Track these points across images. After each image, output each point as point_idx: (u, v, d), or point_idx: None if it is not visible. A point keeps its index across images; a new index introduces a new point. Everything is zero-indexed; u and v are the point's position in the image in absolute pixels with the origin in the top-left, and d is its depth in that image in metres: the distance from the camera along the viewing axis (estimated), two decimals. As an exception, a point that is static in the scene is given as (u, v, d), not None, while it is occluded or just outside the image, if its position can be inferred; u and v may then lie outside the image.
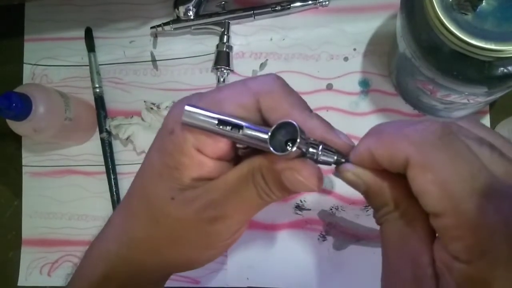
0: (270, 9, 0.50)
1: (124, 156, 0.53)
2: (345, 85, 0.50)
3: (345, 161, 0.26)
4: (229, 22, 0.51)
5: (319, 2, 0.50)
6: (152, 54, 0.54)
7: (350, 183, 0.26)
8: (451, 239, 0.21)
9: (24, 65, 0.56)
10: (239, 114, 0.26)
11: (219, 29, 0.51)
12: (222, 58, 0.51)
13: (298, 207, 0.49)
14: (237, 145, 0.28)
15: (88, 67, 0.54)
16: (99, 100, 0.53)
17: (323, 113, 0.49)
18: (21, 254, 0.54)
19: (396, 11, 0.39)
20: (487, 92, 0.36)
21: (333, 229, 0.48)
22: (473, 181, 0.21)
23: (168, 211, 0.28)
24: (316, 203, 0.49)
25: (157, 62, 0.53)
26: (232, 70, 0.51)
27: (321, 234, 0.48)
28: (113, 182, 0.52)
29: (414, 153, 0.22)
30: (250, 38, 0.52)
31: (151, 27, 0.53)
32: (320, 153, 0.25)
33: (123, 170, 0.53)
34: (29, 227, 0.54)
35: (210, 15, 0.51)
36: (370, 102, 0.49)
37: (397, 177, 0.24)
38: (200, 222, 0.28)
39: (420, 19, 0.34)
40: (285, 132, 0.24)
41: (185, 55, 0.53)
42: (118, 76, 0.54)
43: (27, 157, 0.55)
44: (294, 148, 0.23)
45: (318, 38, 0.50)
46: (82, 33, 0.54)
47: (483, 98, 0.38)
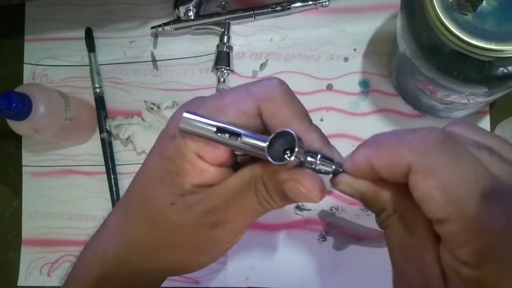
0: (270, 9, 0.50)
1: (124, 156, 0.53)
2: (345, 85, 0.50)
3: (343, 171, 0.26)
4: (229, 22, 0.51)
5: (319, 3, 0.50)
6: (152, 54, 0.54)
7: (345, 194, 0.26)
8: (458, 245, 0.21)
9: (24, 65, 0.56)
10: (241, 120, 0.26)
11: (219, 29, 0.51)
12: (222, 58, 0.51)
13: (298, 207, 0.49)
14: (236, 152, 0.28)
15: (88, 67, 0.54)
16: (99, 100, 0.53)
17: (323, 113, 0.49)
18: (21, 254, 0.54)
19: (396, 11, 0.39)
20: (487, 92, 0.36)
21: (333, 229, 0.48)
22: (477, 184, 0.21)
23: (168, 216, 0.28)
24: (316, 203, 0.49)
25: (157, 62, 0.54)
26: (232, 70, 0.51)
27: (321, 234, 0.48)
28: (113, 182, 0.52)
29: (416, 159, 0.22)
30: (250, 38, 0.52)
31: (152, 27, 0.53)
32: (319, 163, 0.25)
33: (123, 170, 0.53)
34: (29, 227, 0.54)
35: (211, 15, 0.51)
36: (370, 103, 0.49)
37: (389, 183, 0.24)
38: (200, 227, 0.27)
39: (420, 19, 0.34)
40: (283, 141, 0.24)
41: (185, 55, 0.53)
42: (118, 76, 0.54)
43: (27, 157, 0.55)
44: (292, 158, 0.23)
45: (318, 38, 0.50)
46: (82, 33, 0.54)
47: (483, 98, 0.38)
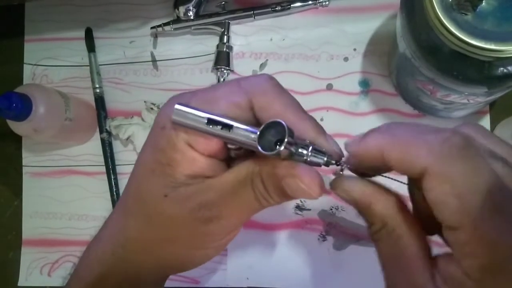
0: (270, 9, 0.50)
1: (124, 156, 0.53)
2: (345, 85, 0.50)
3: (335, 163, 0.26)
4: (229, 22, 0.51)
5: (319, 2, 0.50)
6: (152, 54, 0.54)
7: (341, 198, 0.26)
8: (465, 255, 0.21)
9: (24, 65, 0.56)
10: (233, 113, 0.26)
11: (219, 29, 0.51)
12: (222, 58, 0.51)
13: (298, 207, 0.49)
14: (229, 146, 0.28)
15: (88, 67, 0.54)
16: (99, 100, 0.53)
17: (323, 113, 0.49)
18: (21, 254, 0.54)
19: (396, 11, 0.39)
20: (487, 92, 0.36)
21: (333, 229, 0.48)
22: (491, 197, 0.20)
23: (161, 209, 0.27)
24: (316, 203, 0.49)
25: (157, 62, 0.54)
26: (232, 70, 0.51)
27: (321, 234, 0.48)
28: (113, 182, 0.52)
29: (434, 163, 0.21)
30: (250, 38, 0.52)
31: (151, 27, 0.53)
32: (310, 154, 0.25)
33: (123, 170, 0.53)
34: (29, 227, 0.54)
35: (210, 15, 0.51)
36: (370, 102, 0.49)
37: (384, 193, 0.24)
38: (194, 222, 0.27)
39: (420, 19, 0.34)
40: (275, 132, 0.24)
41: (185, 55, 0.53)
42: (118, 76, 0.54)
43: (27, 157, 0.55)
44: (282, 148, 0.23)
45: (318, 38, 0.50)
46: (82, 33, 0.54)
47: (483, 98, 0.38)
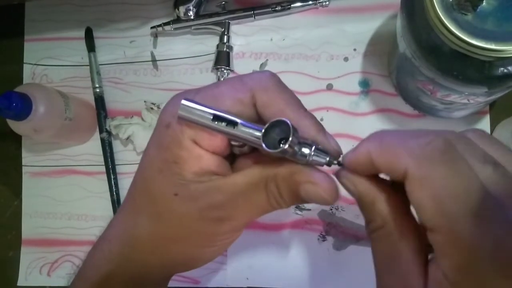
0: (270, 9, 0.50)
1: (124, 156, 0.53)
2: (345, 85, 0.50)
3: (337, 163, 0.26)
4: (229, 22, 0.51)
5: (319, 2, 0.50)
6: (152, 54, 0.54)
7: (345, 189, 0.26)
8: (442, 256, 0.21)
9: (24, 65, 0.56)
10: (236, 109, 0.26)
11: (219, 29, 0.51)
12: (222, 58, 0.51)
13: (298, 207, 0.49)
14: (232, 143, 0.28)
15: (88, 67, 0.54)
16: (99, 100, 0.53)
17: (323, 113, 0.49)
18: (21, 254, 0.54)
19: (396, 11, 0.39)
20: (487, 92, 0.36)
21: (333, 229, 0.48)
22: (469, 201, 0.21)
23: (172, 208, 0.28)
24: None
25: (157, 62, 0.54)
26: (232, 70, 0.51)
27: (321, 234, 0.48)
28: (113, 182, 0.52)
29: (413, 167, 0.22)
30: (250, 38, 0.52)
31: (151, 27, 0.53)
32: (313, 153, 0.25)
33: (123, 170, 0.53)
34: (29, 227, 0.54)
35: (210, 15, 0.51)
36: (370, 102, 0.49)
37: (391, 193, 0.24)
38: (204, 221, 0.27)
39: (420, 19, 0.34)
40: (279, 130, 0.24)
41: (185, 55, 0.53)
42: (118, 76, 0.54)
43: (27, 157, 0.55)
44: (286, 146, 0.23)
45: (318, 38, 0.50)
46: (82, 33, 0.54)
47: (483, 98, 0.38)
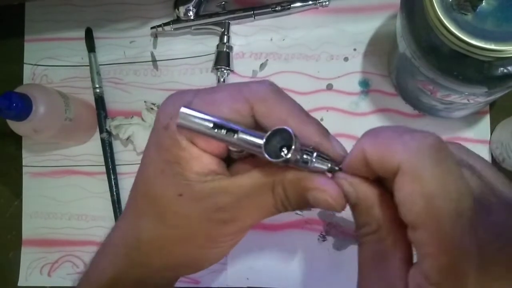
0: (270, 9, 0.50)
1: (124, 156, 0.53)
2: (345, 85, 0.50)
3: (338, 169, 0.26)
4: (229, 22, 0.51)
5: (319, 2, 0.50)
6: (152, 54, 0.54)
7: (344, 192, 0.26)
8: (425, 256, 0.21)
9: (24, 65, 0.56)
10: (233, 118, 0.26)
11: (219, 29, 0.51)
12: (222, 58, 0.51)
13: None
14: (231, 148, 0.28)
15: (88, 67, 0.54)
16: (99, 100, 0.53)
17: (323, 113, 0.49)
18: (21, 254, 0.54)
19: (396, 11, 0.39)
20: (487, 92, 0.36)
21: (333, 229, 0.48)
22: (459, 202, 0.21)
23: (176, 209, 0.27)
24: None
25: (157, 62, 0.54)
26: (232, 70, 0.51)
27: (321, 234, 0.48)
28: (113, 182, 0.52)
29: (407, 161, 0.21)
30: (250, 38, 0.52)
31: (151, 27, 0.53)
32: (314, 160, 0.25)
33: (123, 170, 0.53)
34: (29, 227, 0.54)
35: (210, 15, 0.51)
36: (370, 102, 0.49)
37: (388, 200, 0.24)
38: (209, 222, 0.27)
39: (420, 19, 0.34)
40: (280, 138, 0.24)
41: (185, 55, 0.53)
42: (118, 76, 0.54)
43: (27, 157, 0.55)
44: (289, 155, 0.23)
45: (318, 38, 0.50)
46: (82, 33, 0.54)
47: (483, 98, 0.38)
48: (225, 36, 0.51)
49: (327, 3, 0.50)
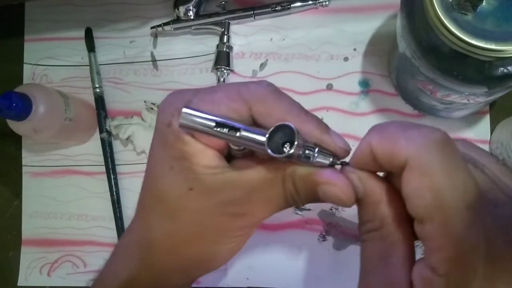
0: (270, 9, 0.50)
1: (124, 156, 0.53)
2: (345, 85, 0.50)
3: (340, 164, 0.26)
4: (229, 22, 0.51)
5: (319, 2, 0.50)
6: (152, 54, 0.54)
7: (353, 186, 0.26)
8: (433, 250, 0.21)
9: (24, 65, 0.56)
10: (232, 117, 0.26)
11: (219, 29, 0.51)
12: (222, 58, 0.51)
13: (298, 207, 0.49)
14: (232, 146, 0.28)
15: (88, 67, 0.54)
16: (99, 100, 0.53)
17: (323, 113, 0.49)
18: (21, 254, 0.54)
19: (396, 11, 0.39)
20: (487, 92, 0.36)
21: (333, 229, 0.48)
22: (467, 195, 0.21)
23: (186, 204, 0.27)
24: (316, 203, 0.49)
25: (157, 62, 0.53)
26: (232, 70, 0.51)
27: (321, 234, 0.48)
28: (113, 182, 0.52)
29: (415, 156, 0.22)
30: (250, 38, 0.52)
31: (151, 27, 0.53)
32: (316, 155, 0.25)
33: (123, 170, 0.53)
34: (29, 227, 0.54)
35: (210, 15, 0.51)
36: (370, 102, 0.49)
37: (393, 197, 0.24)
38: (221, 216, 0.27)
39: (420, 19, 0.34)
40: (282, 134, 0.24)
41: (185, 55, 0.53)
42: (118, 76, 0.54)
43: (27, 157, 0.55)
44: (292, 151, 0.23)
45: (318, 38, 0.50)
46: (82, 33, 0.54)
47: (483, 98, 0.38)
48: (225, 36, 0.51)
49: (327, 3, 0.50)
